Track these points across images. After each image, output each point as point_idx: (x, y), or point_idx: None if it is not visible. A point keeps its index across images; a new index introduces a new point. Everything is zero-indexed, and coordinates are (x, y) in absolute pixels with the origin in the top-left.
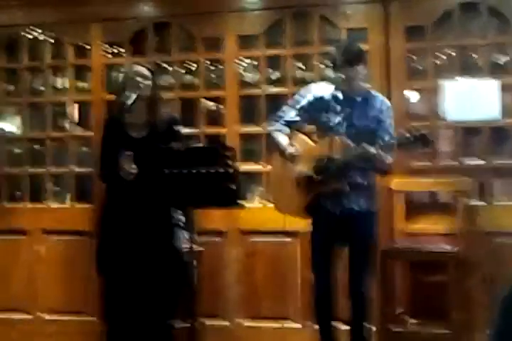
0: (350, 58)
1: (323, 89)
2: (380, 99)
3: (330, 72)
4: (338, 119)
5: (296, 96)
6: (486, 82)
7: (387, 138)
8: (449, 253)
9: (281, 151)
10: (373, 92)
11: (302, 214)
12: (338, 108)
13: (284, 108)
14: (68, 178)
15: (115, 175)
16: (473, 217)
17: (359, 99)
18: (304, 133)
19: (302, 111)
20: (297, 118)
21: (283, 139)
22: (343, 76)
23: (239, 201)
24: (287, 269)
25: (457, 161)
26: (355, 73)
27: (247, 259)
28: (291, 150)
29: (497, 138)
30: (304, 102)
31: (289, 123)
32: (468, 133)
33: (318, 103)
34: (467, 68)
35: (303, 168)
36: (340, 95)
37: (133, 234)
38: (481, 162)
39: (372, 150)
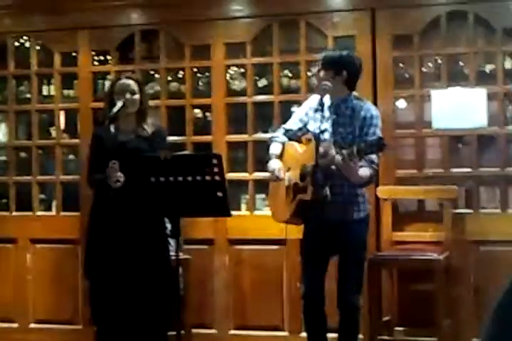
0: (331, 64)
1: (316, 100)
2: (366, 108)
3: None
4: (323, 127)
5: (296, 109)
6: (473, 91)
7: (362, 145)
8: (436, 261)
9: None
10: (361, 100)
11: (293, 222)
12: (325, 115)
13: (289, 120)
14: (55, 186)
15: (103, 184)
16: (460, 225)
17: (345, 106)
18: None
19: (296, 119)
20: (292, 127)
21: (274, 150)
22: (327, 82)
23: (226, 209)
24: (275, 278)
25: (444, 169)
26: (337, 80)
27: (234, 267)
28: (273, 165)
29: (484, 147)
30: (299, 111)
31: (287, 132)
32: (455, 141)
33: (312, 112)
34: (454, 77)
35: (292, 175)
36: (328, 103)
37: (120, 241)
38: (468, 170)
39: (338, 157)
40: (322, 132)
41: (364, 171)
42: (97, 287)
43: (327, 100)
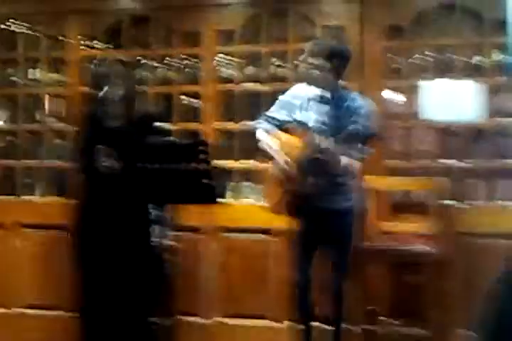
0: (321, 54)
1: (302, 89)
2: (353, 97)
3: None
4: (314, 118)
5: (280, 97)
6: (463, 83)
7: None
8: (426, 254)
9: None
10: (349, 90)
11: (283, 213)
12: (316, 107)
13: (272, 107)
14: (44, 171)
15: (93, 170)
16: (450, 217)
17: (333, 96)
18: (287, 131)
19: (281, 108)
20: (277, 116)
21: (266, 138)
22: (317, 72)
23: (214, 197)
24: (264, 266)
25: (434, 161)
26: (326, 70)
27: (224, 256)
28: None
29: (474, 139)
30: (282, 100)
31: (273, 121)
32: (445, 133)
33: (295, 100)
34: (444, 68)
35: (282, 165)
36: (317, 93)
37: (110, 228)
38: (458, 162)
39: (324, 146)
40: (309, 121)
41: (349, 160)
42: (87, 275)
43: (315, 90)
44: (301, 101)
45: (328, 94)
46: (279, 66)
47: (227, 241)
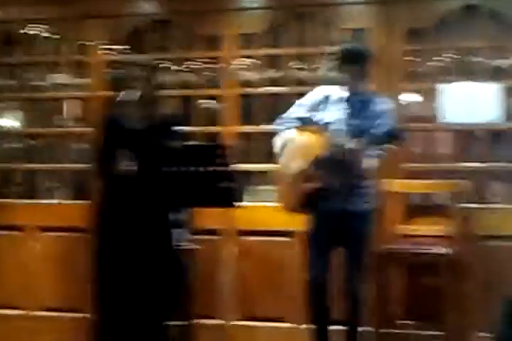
0: (350, 58)
1: (324, 90)
2: (382, 100)
3: (332, 72)
4: (337, 118)
5: (301, 99)
6: (485, 85)
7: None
8: (445, 256)
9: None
10: (375, 93)
11: (300, 211)
12: (339, 107)
13: (290, 109)
14: (64, 174)
15: (113, 172)
16: (470, 219)
17: (360, 99)
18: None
19: (305, 110)
20: (300, 116)
21: (280, 143)
22: (344, 75)
23: (235, 200)
24: (283, 269)
25: (455, 163)
26: (354, 73)
27: (242, 259)
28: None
29: (495, 141)
30: (306, 102)
31: (293, 121)
32: (467, 135)
33: (320, 102)
34: (467, 71)
35: (302, 164)
36: (341, 95)
37: (130, 232)
38: (479, 164)
39: (349, 147)
40: (334, 123)
41: (372, 162)
42: (106, 278)
43: (338, 91)
44: (324, 102)
45: (351, 96)
46: (299, 69)
47: (246, 243)
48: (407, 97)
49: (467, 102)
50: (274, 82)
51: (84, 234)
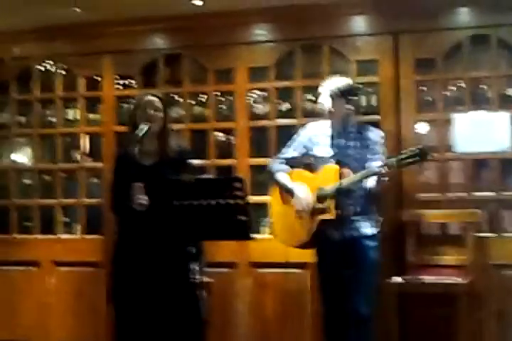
0: (341, 92)
1: (318, 125)
2: (374, 131)
3: (322, 106)
4: (333, 151)
5: (294, 136)
6: (496, 115)
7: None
8: (460, 285)
9: (288, 191)
10: (366, 125)
11: (307, 246)
12: (334, 141)
13: (283, 149)
14: (78, 209)
15: (127, 207)
16: (484, 248)
17: (353, 131)
18: (303, 167)
19: (299, 146)
20: (295, 154)
21: (285, 179)
22: (335, 109)
23: (249, 233)
24: (298, 301)
25: (467, 193)
26: (347, 106)
27: (257, 291)
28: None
29: (507, 170)
30: (300, 138)
31: (288, 160)
32: (479, 165)
33: (314, 137)
34: (477, 100)
35: (306, 199)
36: (335, 129)
37: (146, 266)
38: (492, 194)
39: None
40: (329, 156)
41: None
42: (122, 312)
43: (332, 126)
44: (319, 137)
45: (346, 129)
46: (312, 101)
47: (262, 276)
48: (420, 127)
49: (479, 131)
50: (286, 115)
51: (101, 269)
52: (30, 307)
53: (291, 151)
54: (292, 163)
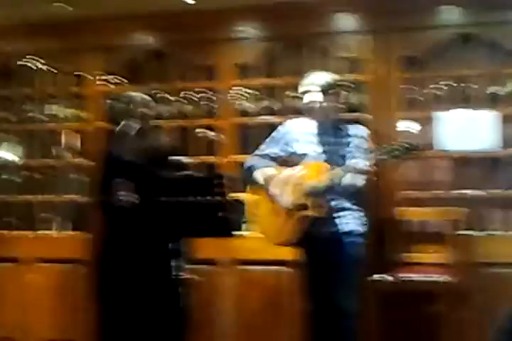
0: (331, 87)
1: (298, 122)
2: (360, 128)
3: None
4: (315, 148)
5: (273, 133)
6: (482, 113)
7: (360, 162)
8: (443, 284)
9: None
10: (352, 122)
11: (293, 243)
12: (315, 138)
13: (262, 146)
14: (62, 206)
15: (113, 205)
16: (468, 246)
17: (340, 128)
18: (282, 164)
19: (278, 142)
20: (275, 150)
21: (263, 176)
22: (326, 104)
23: (230, 230)
24: (281, 299)
25: (450, 191)
26: (326, 102)
27: (240, 289)
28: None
29: (493, 168)
30: (279, 135)
31: (267, 156)
32: (464, 163)
33: (294, 134)
34: (464, 98)
35: (290, 197)
36: (316, 125)
37: (129, 262)
38: (477, 192)
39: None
40: (309, 153)
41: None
42: (108, 310)
43: (313, 122)
44: (299, 134)
45: (333, 126)
46: (294, 98)
47: (243, 273)
48: (404, 125)
49: (464, 129)
50: (269, 111)
51: (83, 266)
52: (11, 305)
53: (270, 148)
54: (271, 158)
